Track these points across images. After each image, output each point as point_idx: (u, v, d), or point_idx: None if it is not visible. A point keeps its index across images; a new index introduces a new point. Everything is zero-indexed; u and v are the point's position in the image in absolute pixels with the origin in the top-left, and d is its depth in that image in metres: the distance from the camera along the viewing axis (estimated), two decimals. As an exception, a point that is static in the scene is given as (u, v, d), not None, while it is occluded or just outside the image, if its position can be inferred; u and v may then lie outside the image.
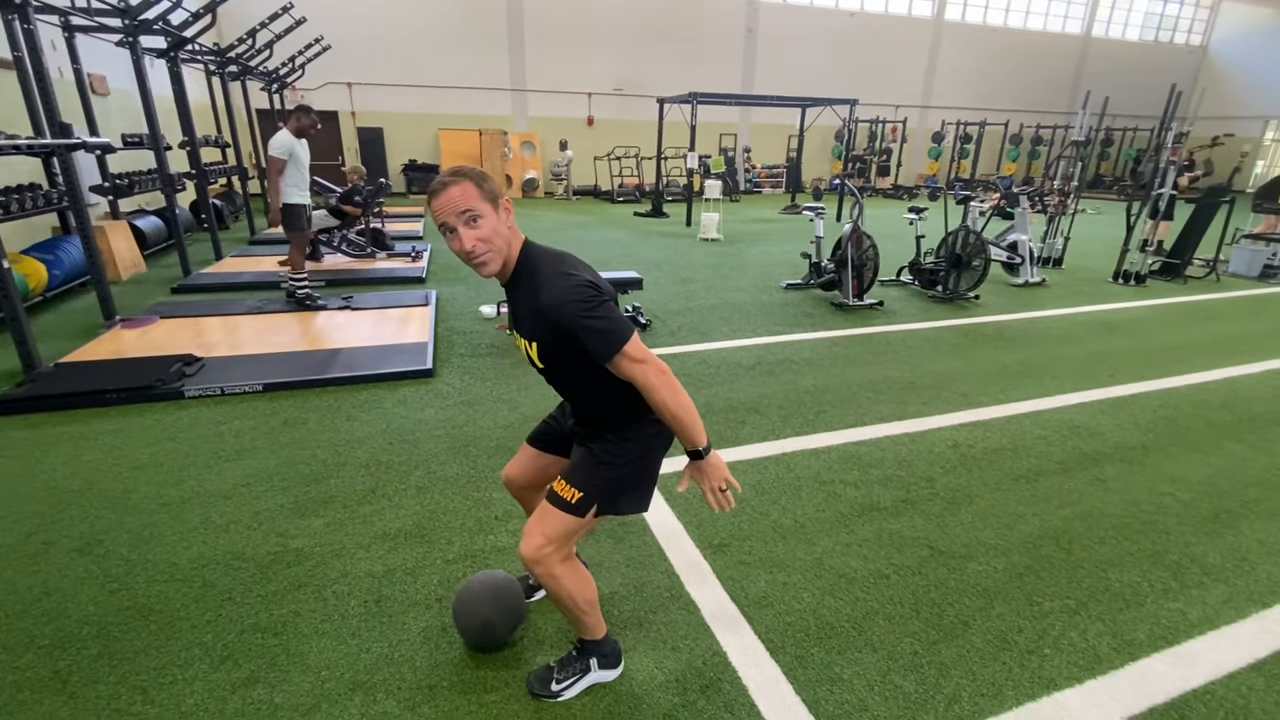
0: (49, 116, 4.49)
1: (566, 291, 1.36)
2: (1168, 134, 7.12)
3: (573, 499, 1.53)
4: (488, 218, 1.37)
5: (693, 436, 1.45)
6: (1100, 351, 4.78)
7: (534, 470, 1.83)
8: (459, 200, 1.35)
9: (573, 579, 1.58)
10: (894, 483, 2.83)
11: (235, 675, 1.76)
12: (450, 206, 1.35)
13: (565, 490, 1.54)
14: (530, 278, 1.44)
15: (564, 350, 1.45)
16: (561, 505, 1.53)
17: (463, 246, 1.37)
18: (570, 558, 1.61)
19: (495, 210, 1.39)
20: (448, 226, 1.37)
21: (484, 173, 1.41)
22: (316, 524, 2.44)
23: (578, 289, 1.37)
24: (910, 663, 1.85)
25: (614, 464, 1.56)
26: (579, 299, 1.36)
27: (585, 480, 1.55)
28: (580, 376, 1.52)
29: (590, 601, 1.64)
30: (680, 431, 1.45)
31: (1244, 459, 3.14)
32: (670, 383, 1.40)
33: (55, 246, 5.64)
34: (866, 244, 5.84)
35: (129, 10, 5.70)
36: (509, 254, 1.44)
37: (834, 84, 17.06)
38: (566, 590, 1.57)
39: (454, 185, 1.35)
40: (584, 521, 1.55)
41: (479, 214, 1.36)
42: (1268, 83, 21.20)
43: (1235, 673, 1.85)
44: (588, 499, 1.53)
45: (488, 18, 14.73)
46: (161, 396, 3.48)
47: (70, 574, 2.14)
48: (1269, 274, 7.80)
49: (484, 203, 1.37)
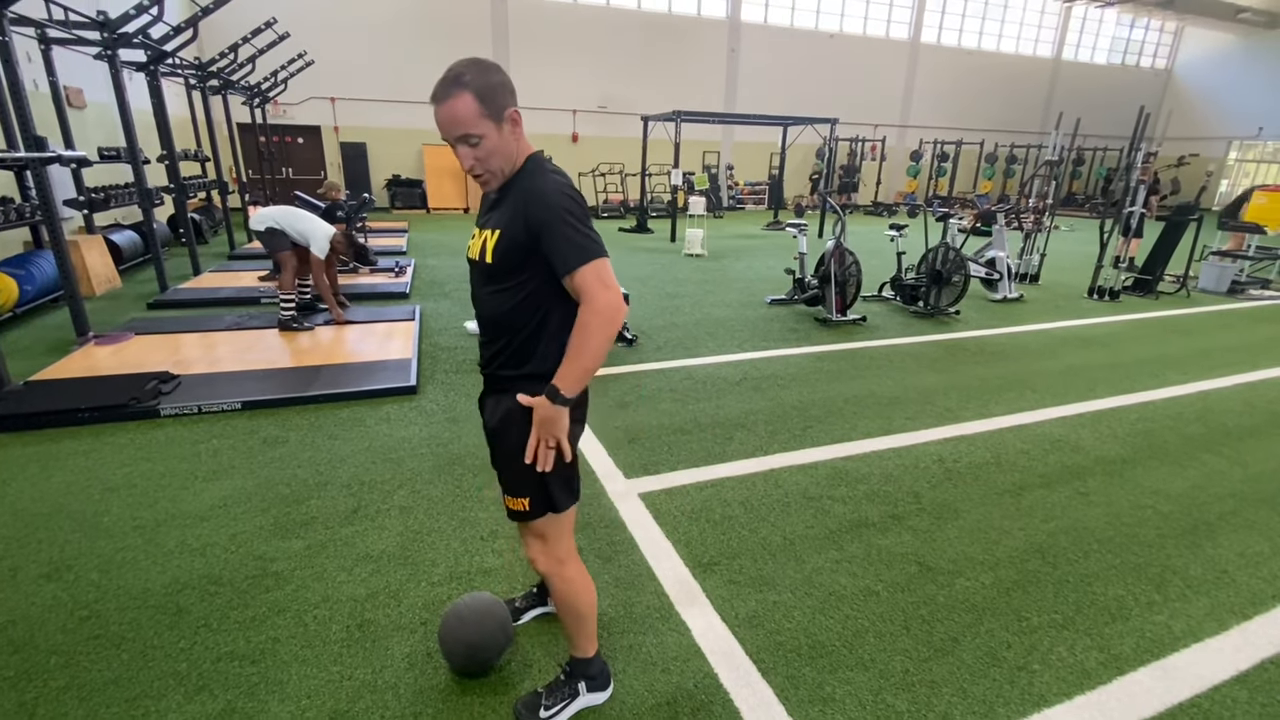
0: (23, 129, 4.41)
1: (561, 189, 1.32)
2: (1137, 154, 7.34)
3: (524, 508, 1.49)
4: (488, 137, 1.30)
5: (574, 379, 1.33)
6: (1078, 366, 4.87)
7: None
8: (457, 120, 1.27)
9: (584, 583, 1.61)
10: (881, 498, 2.84)
11: (211, 706, 1.70)
12: (448, 124, 1.29)
13: (515, 503, 1.51)
14: (527, 176, 1.37)
15: (521, 250, 1.34)
16: (521, 517, 1.52)
17: (462, 164, 1.34)
18: (577, 559, 1.62)
19: (498, 126, 1.31)
20: (449, 141, 1.32)
21: (490, 76, 1.30)
22: (297, 546, 2.38)
23: (572, 196, 1.32)
24: (902, 681, 1.84)
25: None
26: (570, 202, 1.31)
27: (524, 486, 1.47)
28: (515, 292, 1.38)
29: (592, 605, 1.65)
30: (570, 368, 1.32)
31: (1220, 471, 3.21)
32: (611, 327, 1.29)
33: (27, 261, 5.51)
34: (849, 260, 5.92)
35: (108, 24, 5.64)
36: (515, 165, 1.38)
37: (815, 103, 17.39)
38: (576, 593, 1.59)
39: (452, 99, 1.26)
40: (558, 516, 1.52)
41: (477, 135, 1.29)
42: (1230, 104, 22.00)
43: (1219, 685, 1.87)
44: (536, 504, 1.48)
45: (472, 34, 14.81)
46: (136, 415, 3.40)
47: (37, 601, 2.06)
48: (1237, 289, 8.03)
49: (484, 120, 1.28)
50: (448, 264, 8.30)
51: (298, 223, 4.94)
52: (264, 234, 4.90)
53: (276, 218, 4.90)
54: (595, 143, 16.42)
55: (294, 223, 4.93)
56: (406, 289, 6.61)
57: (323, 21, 13.44)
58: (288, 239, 4.93)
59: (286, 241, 4.93)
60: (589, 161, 16.02)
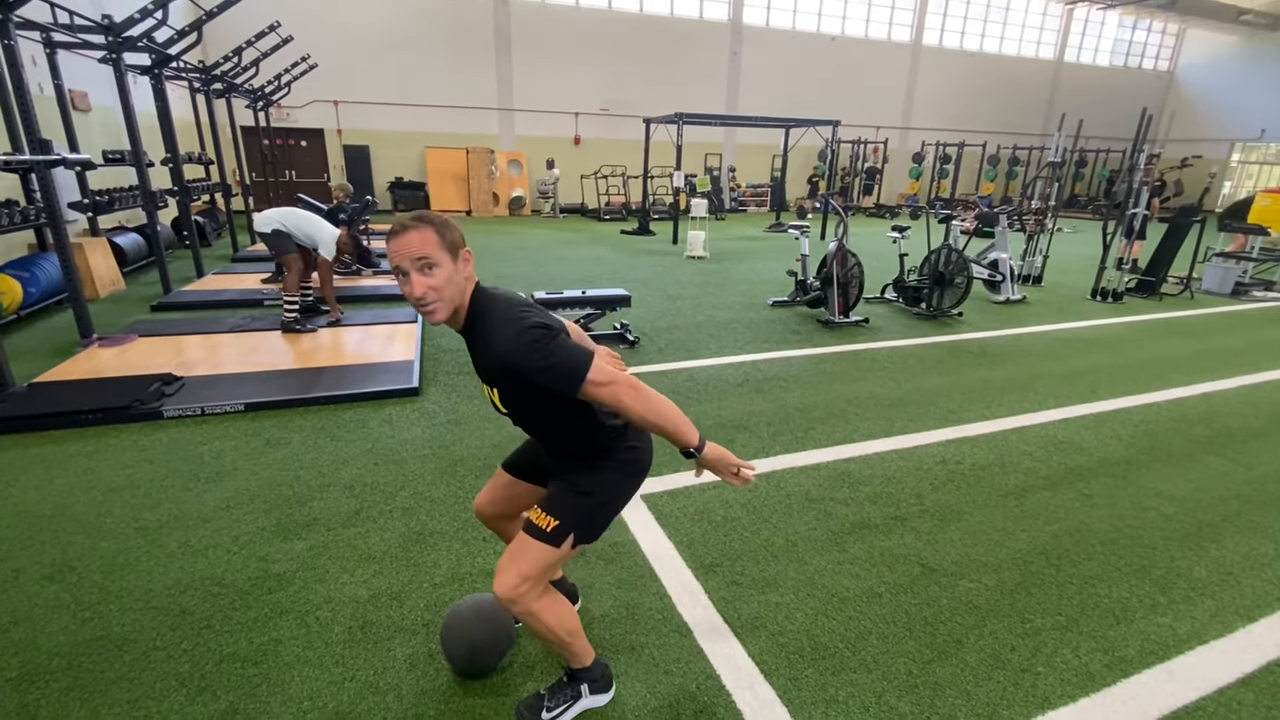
0: (28, 132, 4.43)
1: (516, 337, 1.34)
2: (1140, 156, 7.32)
3: (548, 527, 1.50)
4: (443, 266, 1.35)
5: (682, 439, 1.44)
6: (1081, 368, 4.86)
7: (507, 499, 1.80)
8: (416, 246, 1.33)
9: (551, 613, 1.53)
10: (884, 500, 2.83)
11: (213, 707, 1.70)
12: (407, 250, 1.33)
13: (541, 519, 1.51)
14: (482, 326, 1.41)
15: (525, 393, 1.44)
16: (538, 534, 1.50)
17: (413, 292, 1.35)
18: (547, 591, 1.55)
19: (454, 260, 1.37)
20: (401, 269, 1.35)
21: (448, 220, 1.39)
22: (299, 547, 2.38)
23: (526, 331, 1.34)
24: (905, 683, 1.83)
25: (592, 493, 1.54)
26: (530, 341, 1.33)
27: (563, 509, 1.52)
28: (546, 416, 1.52)
29: (573, 632, 1.60)
30: (669, 438, 1.44)
31: (1224, 473, 3.19)
32: (643, 396, 1.38)
33: (31, 263, 5.53)
34: (851, 262, 5.91)
35: (112, 28, 5.67)
36: (461, 302, 1.42)
37: (816, 105, 17.40)
38: (546, 625, 1.53)
39: (414, 230, 1.34)
40: (560, 553, 1.51)
41: (434, 262, 1.34)
42: (1232, 106, 21.96)
43: (1225, 688, 1.86)
44: (563, 527, 1.50)
45: (475, 37, 14.86)
46: (139, 417, 3.40)
47: (40, 602, 2.06)
48: (1240, 291, 8.01)
49: (442, 251, 1.35)
50: (450, 266, 8.29)
51: (304, 224, 4.95)
52: (269, 236, 4.91)
53: (282, 220, 4.91)
54: (598, 145, 16.44)
55: (300, 224, 4.94)
56: (409, 291, 6.60)
57: (326, 25, 13.49)
58: (293, 241, 4.94)
59: (292, 244, 4.94)
60: (591, 164, 16.04)
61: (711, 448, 1.48)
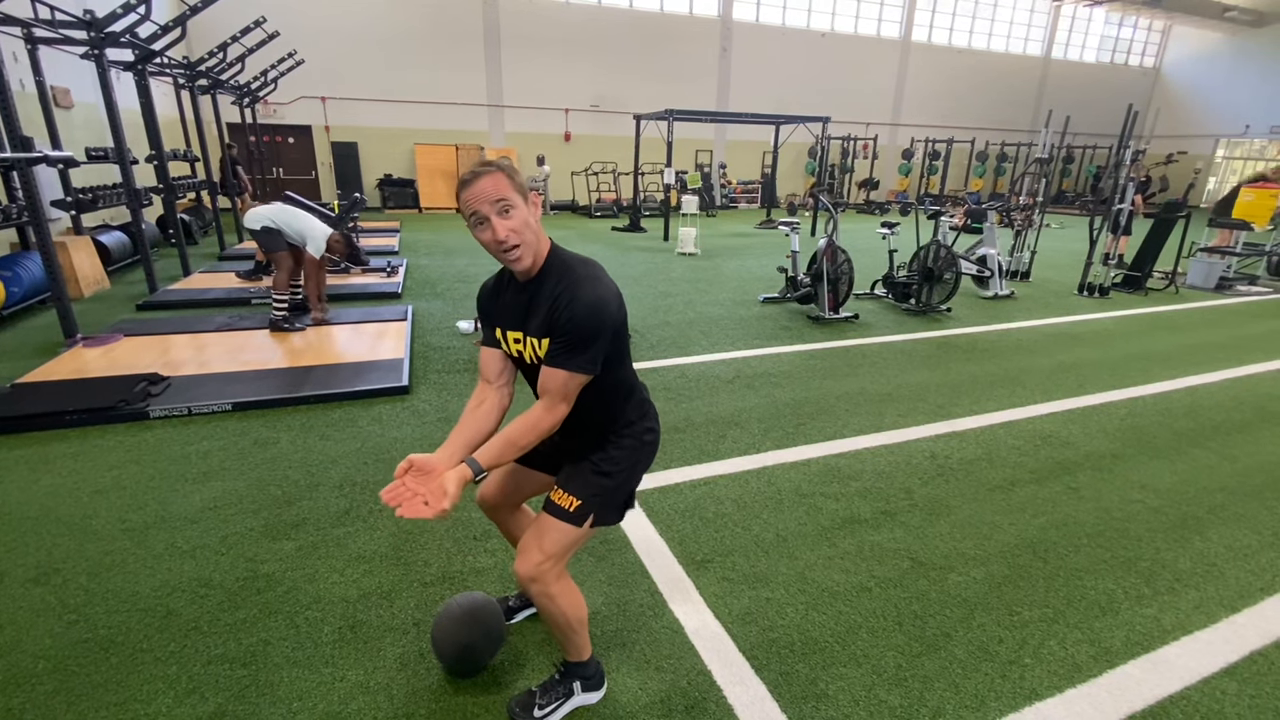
0: (9, 130, 4.36)
1: (609, 298, 1.41)
2: (1126, 152, 7.39)
3: (571, 507, 1.51)
4: (519, 209, 1.35)
5: (496, 457, 1.39)
6: (1068, 362, 4.90)
7: (512, 488, 1.79)
8: (491, 189, 1.32)
9: (568, 598, 1.56)
10: (873, 495, 2.85)
11: (202, 709, 1.68)
12: (483, 194, 1.33)
13: (563, 499, 1.52)
14: (562, 275, 1.41)
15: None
16: (560, 515, 1.51)
17: (495, 236, 1.34)
18: (566, 575, 1.58)
19: (526, 203, 1.38)
20: (479, 216, 1.34)
21: (514, 165, 1.40)
22: (288, 548, 2.37)
23: (615, 300, 1.42)
24: (894, 676, 1.85)
25: (610, 472, 1.56)
26: (614, 310, 1.41)
27: (583, 488, 1.54)
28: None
29: (582, 621, 1.62)
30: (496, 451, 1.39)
31: (1208, 466, 3.23)
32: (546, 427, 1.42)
33: (13, 262, 5.45)
34: (841, 258, 5.93)
35: (94, 23, 5.59)
36: (539, 249, 1.42)
37: (807, 102, 17.43)
38: (561, 609, 1.54)
39: (486, 176, 1.33)
40: (581, 532, 1.53)
41: (512, 204, 1.34)
42: (1217, 103, 22.20)
43: (1209, 678, 1.88)
44: (585, 507, 1.52)
45: (464, 33, 14.76)
46: (125, 417, 3.37)
47: (25, 605, 2.04)
48: (1224, 286, 8.10)
49: (515, 194, 1.35)
50: (440, 264, 8.27)
51: (295, 221, 4.89)
52: (260, 233, 4.85)
53: (273, 217, 4.84)
54: (588, 141, 16.40)
55: (291, 222, 4.88)
56: (398, 289, 6.58)
57: (313, 20, 13.36)
58: (284, 239, 4.89)
59: (282, 241, 4.88)
60: (582, 160, 16.00)
61: (456, 478, 1.36)
